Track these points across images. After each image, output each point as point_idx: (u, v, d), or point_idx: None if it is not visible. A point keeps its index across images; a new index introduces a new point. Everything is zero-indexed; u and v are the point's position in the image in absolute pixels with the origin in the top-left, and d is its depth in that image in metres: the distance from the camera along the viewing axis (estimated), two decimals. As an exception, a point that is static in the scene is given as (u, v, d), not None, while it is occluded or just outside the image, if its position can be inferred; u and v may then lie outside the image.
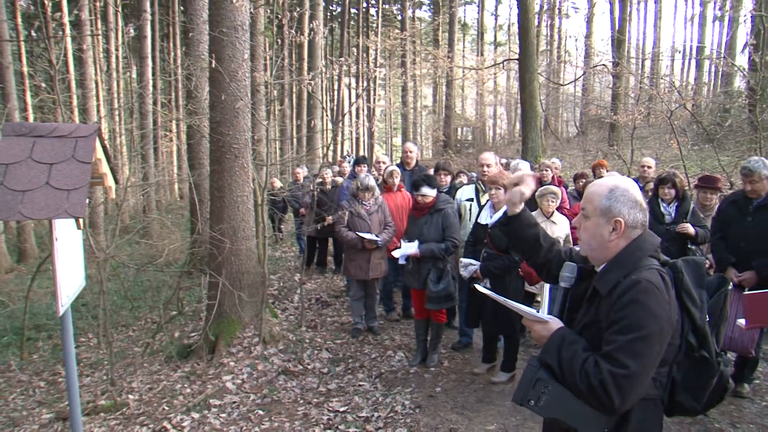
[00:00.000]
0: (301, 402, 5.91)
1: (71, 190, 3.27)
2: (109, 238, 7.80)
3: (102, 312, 7.29)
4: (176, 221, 16.39)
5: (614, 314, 2.18)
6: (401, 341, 7.60)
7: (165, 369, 6.80)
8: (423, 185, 6.49)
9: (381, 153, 33.91)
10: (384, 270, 7.69)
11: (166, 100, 25.51)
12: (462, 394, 5.95)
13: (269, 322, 7.40)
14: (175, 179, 24.96)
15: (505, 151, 29.37)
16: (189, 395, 6.05)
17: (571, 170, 15.50)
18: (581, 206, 2.46)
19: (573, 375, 2.17)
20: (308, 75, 9.56)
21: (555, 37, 44.58)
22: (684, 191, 6.46)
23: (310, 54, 24.95)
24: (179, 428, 5.38)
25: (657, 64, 33.68)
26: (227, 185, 7.14)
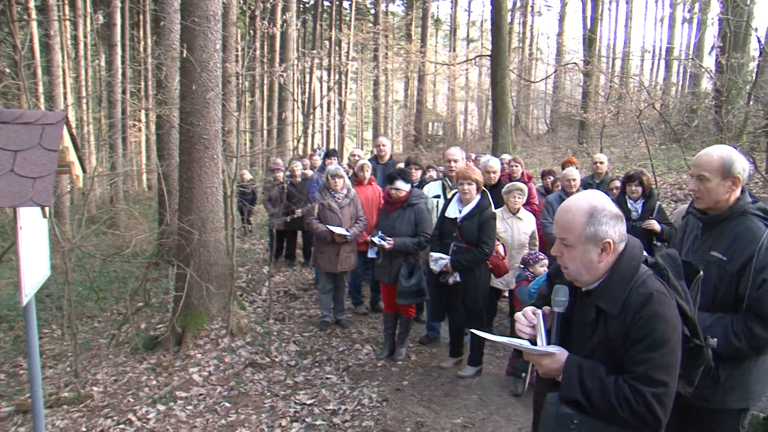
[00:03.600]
0: (268, 394, 5.90)
1: (37, 178, 3.22)
2: (75, 228, 7.70)
3: (67, 303, 7.19)
4: (144, 212, 16.19)
5: (636, 332, 2.15)
6: (369, 335, 7.61)
7: (131, 361, 6.72)
8: (398, 179, 6.48)
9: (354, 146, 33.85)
10: (353, 263, 7.69)
11: (135, 90, 25.18)
12: (429, 387, 5.99)
13: (237, 315, 7.36)
14: (143, 169, 24.67)
15: (476, 146, 29.50)
16: (155, 387, 6.00)
17: (541, 167, 15.62)
18: (559, 236, 2.32)
19: (609, 405, 2.14)
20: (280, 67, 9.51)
21: (527, 34, 44.88)
22: (650, 189, 6.57)
23: (283, 46, 24.82)
24: (144, 420, 5.34)
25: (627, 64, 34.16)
26: (196, 176, 7.08)
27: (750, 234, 2.93)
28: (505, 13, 20.84)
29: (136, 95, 24.56)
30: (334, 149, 12.79)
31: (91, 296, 9.85)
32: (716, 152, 2.99)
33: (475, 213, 5.87)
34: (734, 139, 13.62)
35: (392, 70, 40.57)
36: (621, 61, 35.75)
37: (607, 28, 43.32)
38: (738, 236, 2.95)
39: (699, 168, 3.01)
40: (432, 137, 39.75)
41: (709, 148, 3.09)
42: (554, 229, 2.32)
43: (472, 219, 5.86)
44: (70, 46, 23.64)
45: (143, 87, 24.78)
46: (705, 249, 3.04)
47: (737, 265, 2.89)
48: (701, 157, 3.03)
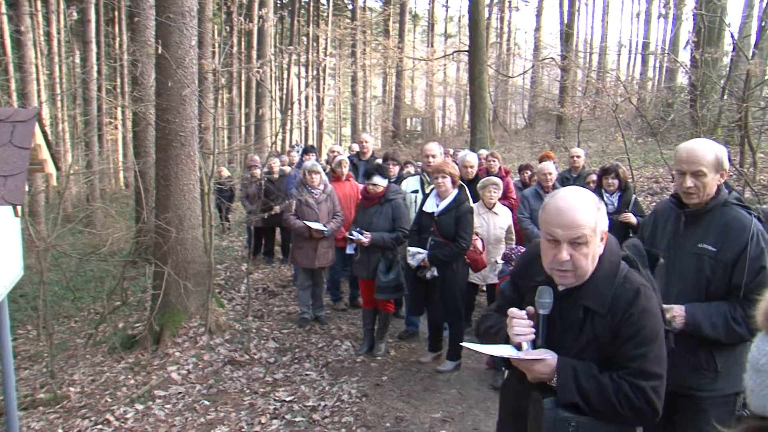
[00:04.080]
0: (247, 392, 5.89)
1: (8, 176, 3.18)
2: (51, 227, 7.61)
3: (42, 303, 7.10)
4: (121, 210, 16.04)
5: (628, 329, 2.16)
6: (348, 330, 7.62)
7: (108, 360, 6.67)
8: (375, 174, 6.49)
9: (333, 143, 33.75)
10: (331, 259, 7.69)
11: (111, 87, 24.90)
12: (408, 382, 6.01)
13: (215, 312, 7.33)
14: (120, 167, 24.45)
15: (454, 142, 29.59)
16: (133, 386, 5.95)
17: (519, 161, 15.69)
18: (570, 236, 2.14)
19: (608, 404, 2.13)
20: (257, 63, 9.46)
21: (505, 29, 45.06)
22: (626, 182, 6.63)
23: (260, 42, 24.74)
24: (122, 420, 5.30)
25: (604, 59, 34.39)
26: (173, 174, 7.03)
27: (739, 224, 2.95)
28: (482, 9, 20.89)
29: (112, 92, 24.28)
30: (312, 145, 12.74)
31: (68, 296, 9.76)
32: (708, 147, 2.96)
33: (452, 207, 5.89)
34: (709, 133, 13.76)
35: (370, 65, 40.57)
36: (598, 56, 35.97)
37: (584, 24, 43.75)
38: (726, 227, 2.96)
39: (696, 164, 2.93)
40: (410, 133, 39.81)
41: (693, 143, 3.03)
42: (558, 232, 2.14)
43: (449, 213, 5.88)
44: (43, 42, 23.30)
45: (119, 84, 24.55)
46: (692, 242, 3.03)
47: (731, 255, 2.91)
48: (695, 153, 2.95)
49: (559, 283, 2.25)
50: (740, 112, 12.06)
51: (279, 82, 39.38)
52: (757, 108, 13.16)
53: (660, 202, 3.51)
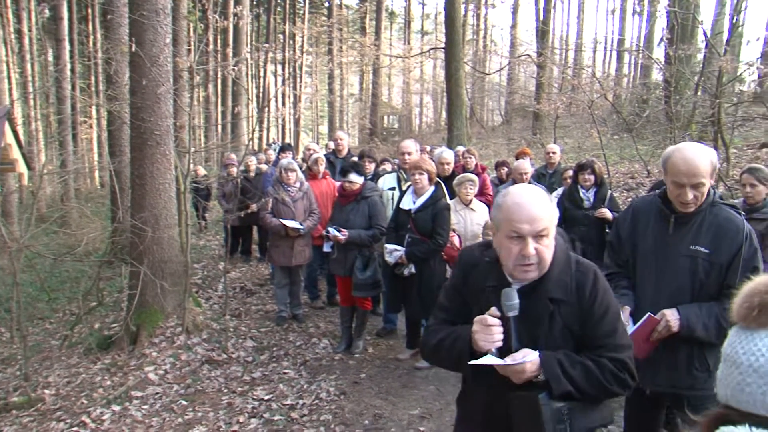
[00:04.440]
0: (225, 391, 5.87)
1: (-23, 176, 3.14)
2: (24, 228, 7.50)
3: (16, 305, 7.01)
4: (96, 210, 15.90)
5: (598, 309, 2.24)
6: (326, 328, 7.61)
7: (84, 362, 6.61)
8: (351, 172, 6.49)
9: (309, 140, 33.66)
10: (308, 256, 7.69)
11: (85, 85, 24.65)
12: (386, 379, 6.02)
13: (192, 312, 7.29)
14: (95, 166, 24.19)
15: (431, 139, 29.62)
16: (109, 387, 5.90)
17: (496, 158, 15.76)
18: (535, 230, 2.16)
19: (598, 384, 2.20)
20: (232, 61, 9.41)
21: (481, 26, 45.15)
22: (602, 178, 6.68)
23: (236, 40, 24.64)
24: (99, 422, 5.26)
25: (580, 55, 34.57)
26: (149, 173, 6.98)
27: (732, 225, 2.95)
28: (458, 6, 20.88)
29: (86, 91, 24.04)
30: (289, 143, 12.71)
31: (42, 297, 9.65)
32: (704, 155, 2.88)
33: (428, 204, 5.91)
34: (683, 129, 13.94)
35: (347, 63, 40.53)
36: (574, 53, 36.18)
37: (560, 20, 43.88)
38: (720, 228, 2.95)
39: (696, 177, 2.85)
40: (387, 130, 39.87)
41: (689, 151, 2.91)
42: (525, 227, 2.14)
43: (426, 210, 5.89)
44: (14, 40, 22.97)
45: (93, 82, 24.28)
46: (684, 244, 2.98)
47: (726, 256, 2.91)
48: (696, 166, 2.85)
49: (522, 278, 2.25)
50: (713, 108, 12.21)
51: (255, 80, 39.19)
52: (729, 104, 13.32)
53: (638, 198, 3.46)
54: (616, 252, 3.31)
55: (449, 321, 2.45)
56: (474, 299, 2.39)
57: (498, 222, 2.26)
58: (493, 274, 2.33)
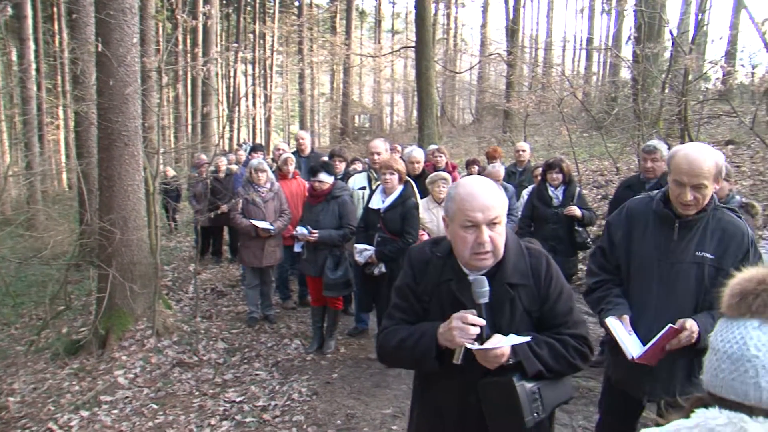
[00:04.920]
0: (196, 394, 5.83)
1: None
2: (-12, 231, 7.38)
3: (-21, 310, 6.90)
4: (64, 212, 15.62)
5: (554, 290, 2.35)
6: (297, 329, 7.60)
7: (51, 367, 6.50)
8: (321, 171, 6.47)
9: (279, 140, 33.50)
10: (279, 257, 7.68)
11: (51, 85, 24.25)
12: (358, 379, 6.02)
13: (163, 314, 7.22)
14: (62, 168, 23.82)
15: (402, 138, 29.67)
16: (77, 393, 5.82)
17: (466, 156, 15.84)
18: (488, 218, 2.21)
19: (564, 361, 2.31)
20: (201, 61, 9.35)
21: (451, 25, 45.37)
22: (570, 175, 6.72)
23: (205, 39, 24.44)
24: (66, 428, 5.19)
25: (549, 54, 34.88)
26: (117, 174, 6.90)
27: (737, 230, 2.93)
28: (428, 5, 20.95)
29: (52, 91, 23.65)
30: (260, 144, 12.67)
31: (7, 302, 9.48)
32: (709, 156, 2.84)
33: (397, 203, 5.92)
34: (651, 126, 14.09)
35: (317, 62, 40.47)
36: (543, 52, 36.52)
37: (530, 19, 44.21)
38: (725, 233, 2.92)
39: (697, 177, 2.80)
40: (359, 129, 39.88)
41: (693, 151, 2.88)
42: (479, 216, 2.20)
43: (395, 209, 5.91)
44: (-25, 39, 22.55)
45: (59, 83, 23.90)
46: (690, 250, 2.94)
47: (732, 261, 2.86)
48: (698, 165, 2.80)
49: (478, 267, 2.29)
50: (680, 105, 12.39)
51: (226, 79, 38.97)
52: (695, 102, 13.52)
53: (632, 200, 3.28)
54: (607, 257, 3.23)
55: (407, 321, 2.46)
56: (430, 295, 2.42)
57: (452, 213, 2.29)
58: (448, 268, 2.38)
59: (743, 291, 1.41)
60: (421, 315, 2.44)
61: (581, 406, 5.35)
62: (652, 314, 2.99)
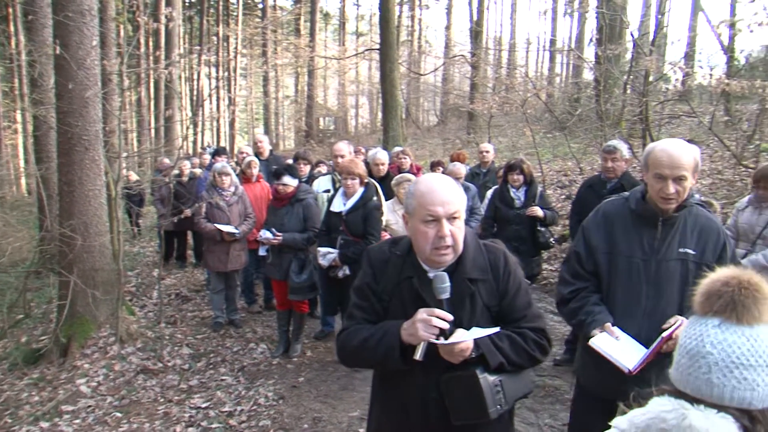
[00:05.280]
0: (161, 401, 5.76)
1: None
2: (-56, 238, 7.21)
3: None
4: (23, 218, 15.29)
5: (513, 285, 2.42)
6: (263, 333, 7.56)
7: (9, 378, 6.33)
8: (285, 174, 6.47)
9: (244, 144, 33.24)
10: (243, 261, 7.65)
11: (8, 89, 23.77)
12: (325, 382, 6.02)
13: (126, 320, 7.12)
14: (21, 173, 23.36)
15: (367, 140, 29.76)
16: (37, 403, 5.69)
17: (431, 158, 15.89)
18: (449, 213, 2.25)
19: (524, 354, 2.38)
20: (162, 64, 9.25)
21: (416, 27, 45.48)
22: (531, 176, 6.79)
23: (167, 42, 24.14)
24: (26, 439, 5.09)
25: (513, 56, 35.16)
26: (77, 179, 6.78)
27: (713, 224, 2.98)
28: (392, 7, 21.01)
29: (9, 95, 23.18)
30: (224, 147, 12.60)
31: (-38, 312, 9.25)
32: (687, 149, 2.86)
33: (359, 205, 5.92)
34: (613, 127, 14.31)
35: (282, 65, 40.23)
36: (507, 53, 36.79)
37: (494, 21, 44.54)
38: (703, 229, 2.96)
39: (679, 169, 2.80)
40: (323, 132, 39.89)
41: (670, 145, 2.88)
42: (440, 210, 2.23)
43: (356, 212, 5.91)
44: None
45: (17, 86, 23.41)
46: (673, 247, 2.94)
47: (712, 257, 2.92)
48: (678, 157, 2.81)
49: (438, 263, 2.32)
50: (641, 106, 12.59)
51: (189, 82, 38.61)
52: (656, 102, 13.75)
53: (605, 203, 3.25)
54: (583, 263, 3.14)
55: (368, 320, 2.47)
56: (390, 294, 2.44)
57: (412, 209, 2.31)
58: (408, 266, 2.41)
59: (709, 291, 1.47)
60: (381, 314, 2.45)
61: (547, 405, 5.42)
62: (642, 315, 2.98)
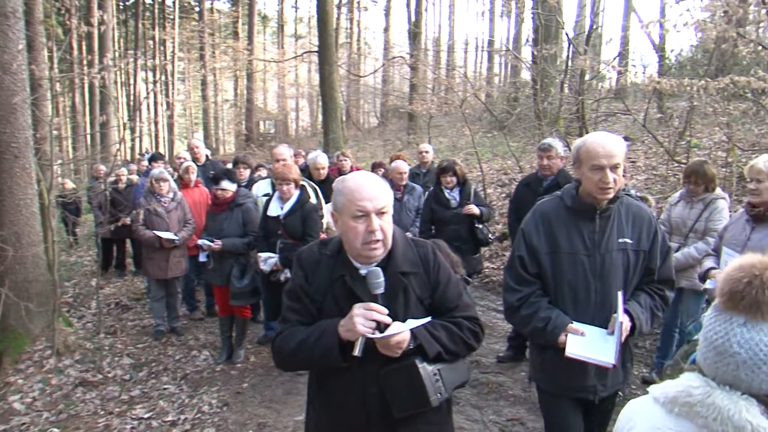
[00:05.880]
0: (101, 413, 5.63)
1: None
2: None
3: None
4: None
5: (441, 277, 2.49)
6: (206, 340, 7.48)
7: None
8: (223, 179, 6.42)
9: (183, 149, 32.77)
10: (184, 268, 7.56)
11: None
12: (269, 387, 5.99)
13: (63, 332, 6.93)
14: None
15: (308, 143, 29.67)
16: (-35, 425, 5.51)
17: (372, 159, 15.92)
18: (377, 208, 2.28)
19: (461, 342, 2.46)
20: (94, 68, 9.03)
21: (355, 29, 45.55)
22: (464, 176, 6.86)
23: (101, 46, 23.56)
24: (-47, 462, 4.91)
25: (452, 56, 35.47)
26: (7, 188, 6.58)
27: (644, 212, 3.09)
28: (330, 9, 20.95)
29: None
30: (160, 153, 12.39)
31: None
32: (616, 138, 2.93)
33: (296, 208, 5.93)
34: (551, 125, 14.56)
35: (220, 68, 39.90)
36: (446, 54, 37.11)
37: (432, 22, 44.89)
38: (636, 217, 3.05)
39: (614, 157, 2.86)
40: (264, 135, 39.68)
41: (599, 137, 2.96)
42: (369, 204, 2.27)
43: (294, 214, 5.92)
44: None
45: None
46: (613, 239, 3.00)
47: (647, 243, 3.03)
48: (611, 146, 2.87)
49: (370, 257, 2.35)
50: (577, 104, 12.86)
51: (126, 87, 37.84)
52: (592, 100, 14.04)
53: (540, 203, 3.24)
54: (526, 266, 3.10)
55: (302, 322, 2.47)
56: (323, 294, 2.45)
57: (341, 206, 2.34)
58: (339, 265, 2.43)
59: (733, 290, 1.54)
60: (315, 315, 2.45)
61: (491, 401, 5.50)
62: (593, 309, 3.02)
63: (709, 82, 7.59)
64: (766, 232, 3.88)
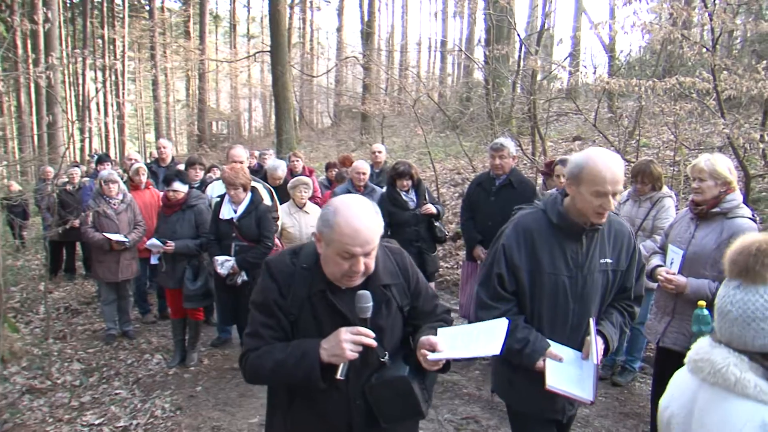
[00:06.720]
0: (50, 421, 5.50)
1: None
2: None
3: None
4: None
5: (419, 284, 2.55)
6: (159, 343, 7.39)
7: None
8: (175, 180, 6.36)
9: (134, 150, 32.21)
10: (135, 270, 7.47)
11: None
12: (223, 390, 5.96)
13: (9, 339, 6.78)
14: None
15: (261, 143, 29.51)
16: None
17: (326, 160, 15.91)
18: (366, 248, 2.18)
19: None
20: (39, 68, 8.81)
21: (307, 29, 45.43)
22: (418, 177, 6.89)
23: (47, 44, 23.01)
24: None
25: (405, 56, 35.61)
26: (-52, 191, 6.41)
27: (624, 229, 3.01)
28: (283, 9, 20.87)
29: None
30: (107, 154, 12.19)
31: None
32: (620, 161, 2.78)
33: (250, 210, 5.91)
34: (503, 125, 14.74)
35: (171, 68, 39.38)
36: (399, 54, 37.24)
37: (385, 22, 45.00)
38: (617, 236, 2.96)
39: (619, 183, 2.72)
40: (216, 136, 39.41)
41: (608, 159, 2.73)
42: (358, 250, 2.17)
43: (248, 216, 5.89)
44: None
45: None
46: (595, 260, 2.90)
47: (625, 262, 2.99)
48: (618, 173, 2.71)
49: (347, 284, 2.29)
50: (529, 104, 13.02)
51: (74, 87, 37.03)
52: (543, 100, 14.22)
53: (521, 217, 3.05)
54: (504, 283, 2.94)
55: (277, 338, 2.35)
56: (299, 309, 2.34)
57: (328, 239, 2.21)
58: (318, 280, 2.31)
59: (732, 259, 1.77)
60: (289, 331, 2.35)
61: (446, 400, 5.57)
62: (569, 331, 2.95)
63: (656, 82, 7.75)
64: (709, 229, 3.98)
